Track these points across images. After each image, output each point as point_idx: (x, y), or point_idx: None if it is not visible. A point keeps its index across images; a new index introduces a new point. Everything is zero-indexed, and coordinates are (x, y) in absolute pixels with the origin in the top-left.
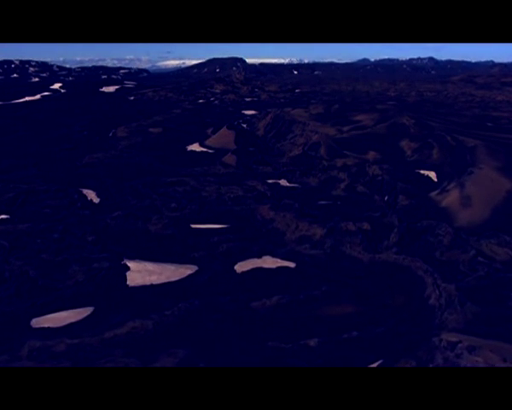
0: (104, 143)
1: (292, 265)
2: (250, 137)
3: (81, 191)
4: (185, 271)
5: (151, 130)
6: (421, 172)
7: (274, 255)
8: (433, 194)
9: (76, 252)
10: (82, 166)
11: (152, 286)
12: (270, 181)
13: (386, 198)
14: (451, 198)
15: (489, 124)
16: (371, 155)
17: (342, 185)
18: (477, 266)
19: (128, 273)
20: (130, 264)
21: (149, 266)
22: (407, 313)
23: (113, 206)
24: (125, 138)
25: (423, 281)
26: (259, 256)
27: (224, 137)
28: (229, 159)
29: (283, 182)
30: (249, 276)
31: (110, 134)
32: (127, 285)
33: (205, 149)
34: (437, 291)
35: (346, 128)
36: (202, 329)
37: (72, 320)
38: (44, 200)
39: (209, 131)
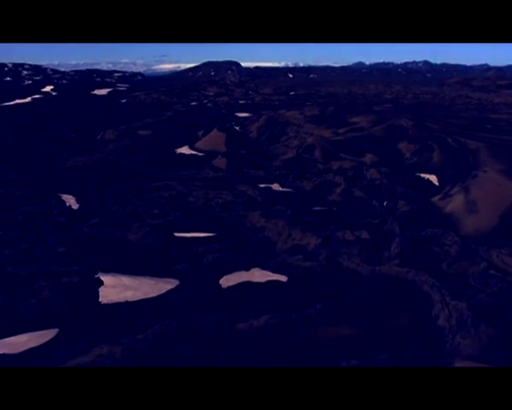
0: (91, 145)
1: (283, 278)
2: (242, 139)
3: (60, 197)
4: (165, 285)
5: (140, 132)
6: (422, 175)
7: (264, 267)
8: (435, 199)
9: (45, 265)
10: (64, 170)
11: (126, 303)
12: (261, 185)
13: (385, 203)
14: (456, 203)
15: (488, 126)
16: (368, 157)
17: (338, 190)
18: (489, 279)
19: (101, 289)
20: (105, 278)
21: (126, 280)
22: (413, 335)
23: (92, 212)
24: (113, 141)
25: (430, 298)
26: (248, 269)
27: (214, 139)
28: (219, 162)
29: (276, 186)
30: (236, 292)
31: (98, 137)
32: (99, 303)
33: (194, 152)
34: (446, 310)
35: (341, 130)
36: (178, 357)
37: (33, 345)
38: (19, 206)
39: (200, 133)
